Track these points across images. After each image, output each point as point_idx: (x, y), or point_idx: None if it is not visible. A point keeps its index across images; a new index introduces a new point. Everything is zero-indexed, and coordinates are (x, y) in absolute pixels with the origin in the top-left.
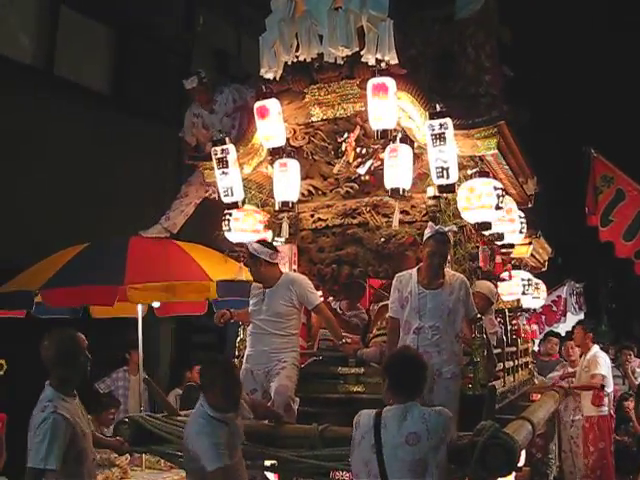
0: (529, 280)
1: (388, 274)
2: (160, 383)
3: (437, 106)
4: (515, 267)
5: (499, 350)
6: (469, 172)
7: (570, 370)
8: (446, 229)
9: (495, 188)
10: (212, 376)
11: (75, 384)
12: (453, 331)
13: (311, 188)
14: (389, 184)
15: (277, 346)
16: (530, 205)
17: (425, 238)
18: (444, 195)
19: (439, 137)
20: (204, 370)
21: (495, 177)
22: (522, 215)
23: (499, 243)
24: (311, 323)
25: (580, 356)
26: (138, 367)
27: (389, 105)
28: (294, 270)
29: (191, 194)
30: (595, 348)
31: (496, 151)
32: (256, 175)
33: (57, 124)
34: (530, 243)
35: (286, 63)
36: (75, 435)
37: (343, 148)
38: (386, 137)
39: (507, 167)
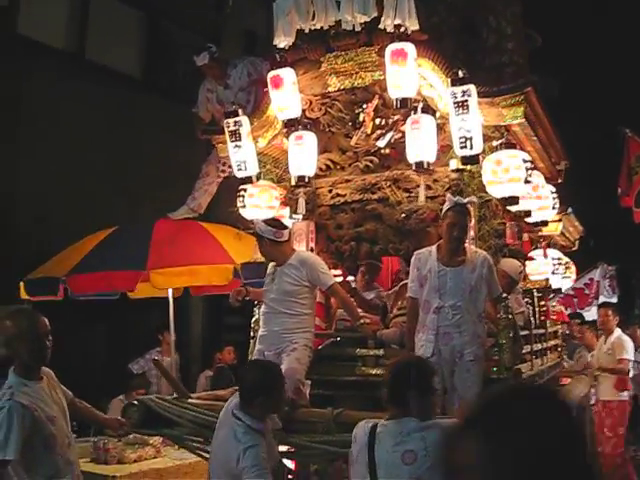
0: (559, 259)
1: (409, 251)
2: (191, 365)
3: (459, 72)
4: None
5: (526, 332)
6: (494, 144)
7: (586, 354)
8: (465, 200)
9: (524, 161)
10: (264, 386)
11: (38, 368)
12: (475, 311)
13: (329, 162)
14: (412, 158)
15: (288, 326)
16: (560, 181)
17: (444, 211)
18: (468, 168)
19: (462, 105)
20: (253, 378)
21: (522, 149)
22: (553, 190)
23: (528, 220)
24: (329, 303)
25: (600, 337)
26: (171, 348)
27: (408, 72)
28: (311, 248)
29: (212, 173)
30: (618, 331)
31: (523, 120)
32: (271, 149)
33: (88, 107)
34: (560, 220)
35: (301, 31)
36: (37, 421)
37: (361, 119)
38: (406, 106)
39: (535, 139)
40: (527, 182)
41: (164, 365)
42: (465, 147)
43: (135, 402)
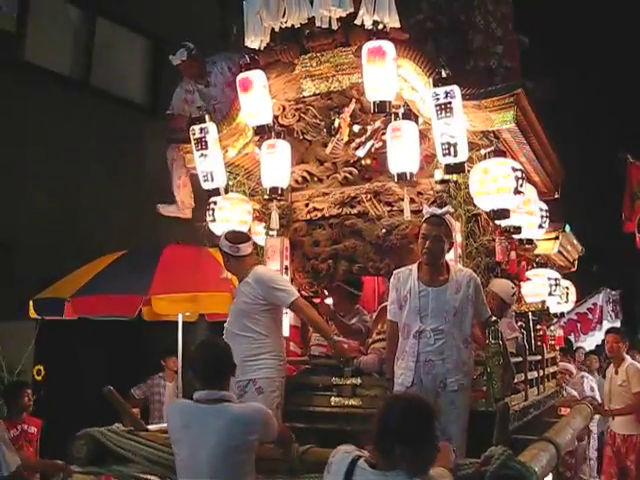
0: (556, 280)
1: (390, 270)
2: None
3: (442, 72)
4: (540, 265)
5: (520, 359)
6: (483, 152)
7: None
8: (440, 211)
9: (514, 169)
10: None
11: None
12: (461, 335)
13: (306, 174)
14: (394, 168)
15: (246, 353)
16: (557, 196)
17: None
18: (453, 178)
19: (445, 108)
20: (214, 355)
21: (515, 160)
22: (544, 207)
23: (516, 237)
24: (307, 326)
25: (609, 366)
26: (174, 373)
27: (387, 73)
28: (285, 267)
29: (176, 170)
30: (629, 359)
31: (513, 125)
32: (243, 159)
33: (95, 134)
34: (557, 238)
35: (274, 31)
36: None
37: (336, 125)
38: (384, 110)
39: (528, 148)
40: (518, 192)
41: (116, 394)
42: (449, 154)
43: (82, 434)
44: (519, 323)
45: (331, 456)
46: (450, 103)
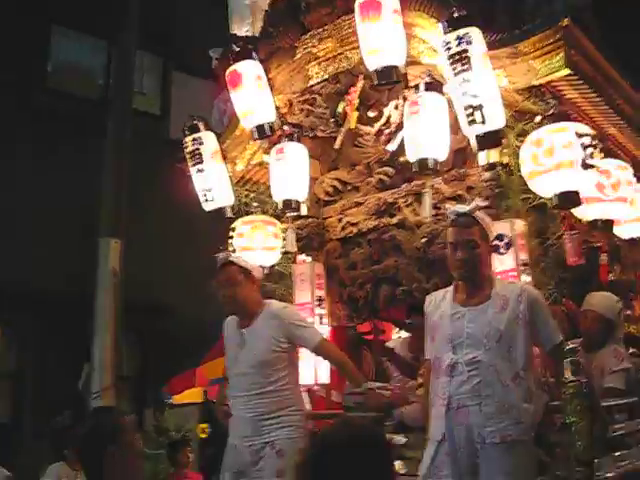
0: None
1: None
2: None
3: (455, 13)
4: None
5: (633, 398)
6: (539, 119)
7: None
8: (468, 207)
9: (579, 135)
10: None
11: None
12: (509, 369)
13: (336, 183)
14: (412, 155)
15: (264, 409)
16: None
17: None
18: (503, 161)
19: (459, 58)
20: None
21: (596, 129)
22: None
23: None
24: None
25: None
26: None
27: (386, 29)
28: (318, 298)
29: None
30: None
31: (567, 71)
32: (261, 174)
33: None
34: None
35: (270, 14)
36: None
37: (340, 110)
38: (390, 80)
39: (606, 106)
40: (587, 166)
41: None
42: (474, 121)
43: None
44: (630, 350)
45: None
46: (465, 52)
